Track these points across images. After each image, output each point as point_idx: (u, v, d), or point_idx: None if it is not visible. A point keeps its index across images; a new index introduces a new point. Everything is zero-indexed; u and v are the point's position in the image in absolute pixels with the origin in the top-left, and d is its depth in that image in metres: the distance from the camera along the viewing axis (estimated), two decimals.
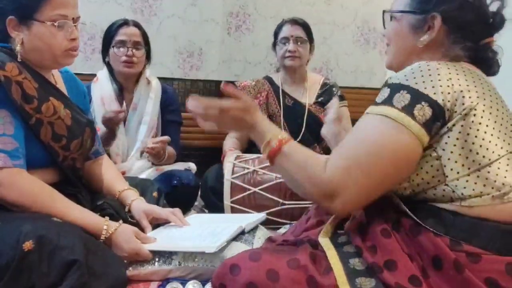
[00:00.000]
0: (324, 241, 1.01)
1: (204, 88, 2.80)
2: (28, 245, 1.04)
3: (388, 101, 0.94)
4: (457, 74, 0.96)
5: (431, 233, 0.91)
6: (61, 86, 1.43)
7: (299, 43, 2.29)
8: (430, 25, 1.04)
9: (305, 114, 2.30)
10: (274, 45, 2.38)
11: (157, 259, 1.28)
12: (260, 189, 1.76)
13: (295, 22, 2.33)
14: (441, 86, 0.93)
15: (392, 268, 0.89)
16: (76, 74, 2.50)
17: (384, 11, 1.16)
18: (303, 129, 2.29)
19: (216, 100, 1.04)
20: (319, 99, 2.37)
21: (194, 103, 1.04)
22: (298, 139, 2.29)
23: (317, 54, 2.83)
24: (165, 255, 1.29)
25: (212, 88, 2.80)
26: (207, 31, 2.80)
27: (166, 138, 1.94)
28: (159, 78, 2.36)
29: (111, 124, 1.89)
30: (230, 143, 2.26)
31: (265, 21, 2.86)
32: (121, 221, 1.31)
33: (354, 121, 2.70)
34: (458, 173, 0.92)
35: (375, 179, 0.91)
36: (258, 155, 1.91)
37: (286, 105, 2.34)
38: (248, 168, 1.81)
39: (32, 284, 1.05)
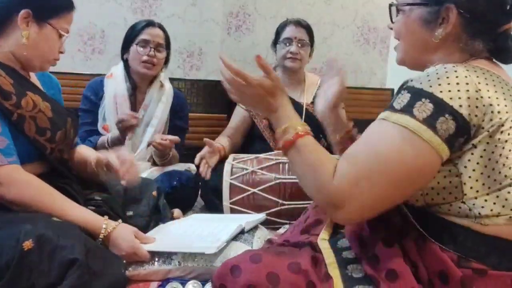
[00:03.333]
0: (324, 245, 1.00)
1: (204, 88, 2.80)
2: (28, 244, 1.04)
3: (407, 109, 0.85)
4: (487, 84, 0.88)
5: (438, 247, 0.88)
6: (35, 81, 1.45)
7: (301, 46, 2.30)
8: (444, 18, 0.95)
9: (302, 114, 2.30)
10: (275, 43, 2.38)
11: (156, 259, 1.29)
12: (259, 190, 1.75)
13: (299, 24, 2.33)
14: (468, 98, 0.84)
15: (393, 279, 0.87)
16: (76, 74, 2.52)
17: (390, 5, 1.07)
18: None
19: (245, 72, 0.99)
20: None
21: (227, 65, 1.00)
22: None
23: (317, 54, 2.83)
24: (165, 255, 1.29)
25: (212, 88, 2.80)
26: (207, 31, 2.80)
27: (176, 138, 1.94)
28: None
29: (123, 126, 1.88)
30: (219, 140, 2.25)
31: (265, 21, 2.86)
32: (120, 221, 1.31)
33: (354, 121, 2.71)
34: (477, 192, 0.87)
35: (385, 193, 0.85)
36: (256, 155, 1.91)
37: None
38: (246, 169, 1.81)
39: (32, 283, 1.04)
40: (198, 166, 2.03)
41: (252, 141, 2.36)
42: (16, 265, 1.04)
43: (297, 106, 2.33)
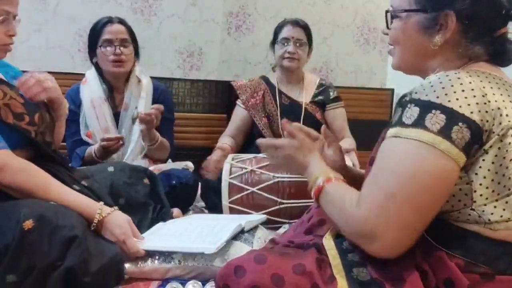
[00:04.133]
0: (329, 246, 0.99)
1: (204, 88, 2.80)
2: (28, 224, 1.05)
3: (419, 123, 0.83)
4: (491, 87, 0.87)
5: (445, 253, 0.86)
6: None
7: (299, 45, 2.30)
8: (442, 24, 0.94)
9: (302, 113, 2.31)
10: (273, 43, 2.38)
11: (157, 257, 1.29)
12: (258, 189, 1.76)
13: (296, 23, 2.33)
14: (477, 103, 0.83)
15: (400, 284, 0.85)
16: (76, 74, 2.52)
17: (387, 11, 1.05)
18: None
19: (274, 139, 1.13)
20: (316, 99, 2.39)
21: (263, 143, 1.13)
22: None
23: (317, 54, 2.83)
24: (165, 253, 1.29)
25: (212, 88, 2.81)
26: (207, 31, 2.80)
27: (160, 106, 1.89)
28: (159, 78, 2.37)
29: (109, 151, 1.87)
30: (224, 140, 2.27)
31: (265, 21, 2.86)
32: (116, 207, 1.32)
33: (354, 121, 2.71)
34: (486, 199, 0.86)
35: (416, 212, 0.82)
36: (255, 154, 1.91)
37: (283, 104, 2.35)
38: (245, 168, 1.81)
39: (33, 263, 1.05)
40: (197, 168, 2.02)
41: (251, 140, 2.36)
42: (16, 245, 1.05)
43: (296, 106, 2.34)
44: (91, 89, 2.04)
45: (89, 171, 1.51)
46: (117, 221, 1.27)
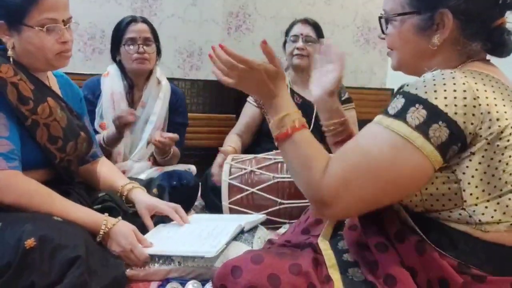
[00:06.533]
0: (324, 246, 0.99)
1: (204, 88, 2.80)
2: (30, 242, 1.04)
3: (401, 115, 0.84)
4: (485, 90, 0.86)
5: (437, 253, 0.86)
6: (56, 89, 1.44)
7: (308, 42, 2.30)
8: (439, 23, 0.93)
9: (313, 113, 2.30)
10: (285, 43, 2.40)
11: (157, 259, 1.29)
12: (258, 189, 1.76)
13: (306, 21, 2.35)
14: (465, 105, 0.82)
15: (392, 284, 0.86)
16: (76, 74, 2.52)
17: (380, 17, 1.06)
18: (311, 128, 2.29)
19: (247, 56, 0.99)
20: None
21: (223, 51, 0.98)
22: None
23: None
24: (165, 256, 1.29)
25: (212, 88, 2.81)
26: (207, 31, 2.80)
27: (175, 136, 1.92)
28: None
29: (120, 123, 1.88)
30: (230, 139, 2.26)
31: (265, 21, 2.86)
32: (120, 218, 1.32)
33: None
34: (477, 198, 0.86)
35: (372, 195, 0.85)
36: (255, 155, 1.91)
37: (294, 103, 2.34)
38: (245, 169, 1.81)
39: (32, 282, 1.05)
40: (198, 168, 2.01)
41: (258, 139, 2.36)
42: (17, 264, 1.04)
43: (308, 105, 2.32)
44: (113, 83, 2.07)
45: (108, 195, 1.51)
46: (122, 232, 1.27)
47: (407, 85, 0.88)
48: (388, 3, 1.02)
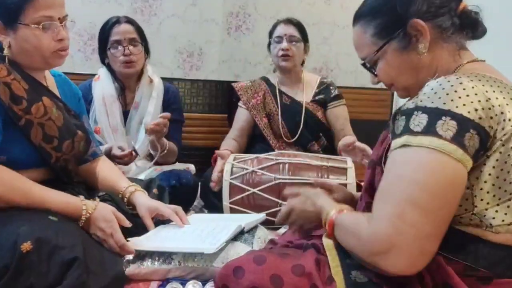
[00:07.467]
0: (328, 246, 0.98)
1: (204, 88, 2.80)
2: (26, 246, 1.04)
3: (430, 130, 0.80)
4: (493, 91, 0.85)
5: (443, 258, 0.85)
6: (54, 89, 1.43)
7: (292, 42, 2.29)
8: (416, 34, 0.94)
9: (302, 112, 2.30)
10: (269, 45, 2.38)
11: (156, 258, 1.29)
12: (259, 190, 1.76)
13: (289, 21, 2.33)
14: (483, 108, 0.82)
15: (399, 287, 0.85)
16: (76, 74, 2.52)
17: (363, 64, 1.06)
18: (301, 127, 2.30)
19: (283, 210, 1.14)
20: (317, 98, 2.38)
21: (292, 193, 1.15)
22: (296, 137, 2.30)
23: (317, 54, 2.83)
24: (165, 255, 1.29)
25: (212, 88, 2.80)
26: (207, 31, 2.80)
27: (167, 114, 1.90)
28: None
29: (119, 163, 1.89)
30: (227, 144, 2.26)
31: (265, 21, 2.86)
32: (98, 199, 1.31)
33: (354, 121, 2.70)
34: (488, 203, 0.84)
35: (433, 220, 0.79)
36: (257, 155, 1.91)
37: (283, 103, 2.35)
38: (246, 169, 1.81)
39: (31, 284, 1.04)
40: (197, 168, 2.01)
41: (252, 141, 2.36)
42: (15, 267, 1.04)
43: (297, 105, 2.33)
44: (104, 87, 2.06)
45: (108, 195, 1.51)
46: (103, 215, 1.25)
47: (420, 101, 0.85)
48: (362, 51, 1.04)
